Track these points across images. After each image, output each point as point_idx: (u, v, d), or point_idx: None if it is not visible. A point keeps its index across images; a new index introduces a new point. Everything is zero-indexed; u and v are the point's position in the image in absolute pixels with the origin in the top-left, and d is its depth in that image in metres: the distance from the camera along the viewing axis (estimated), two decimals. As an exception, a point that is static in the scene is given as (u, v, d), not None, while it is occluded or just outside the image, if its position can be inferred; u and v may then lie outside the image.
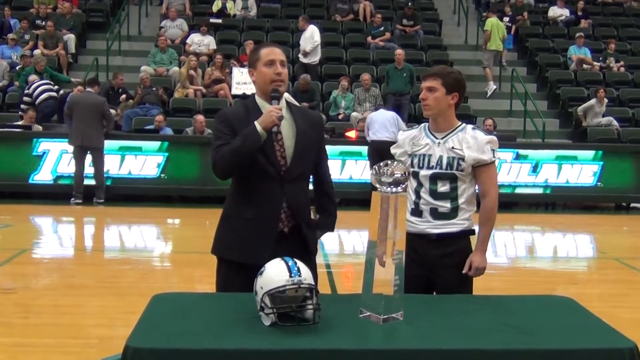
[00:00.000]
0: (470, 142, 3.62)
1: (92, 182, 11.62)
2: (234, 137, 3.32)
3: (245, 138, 3.28)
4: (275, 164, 3.37)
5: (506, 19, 17.91)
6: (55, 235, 9.92)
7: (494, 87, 16.38)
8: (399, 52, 14.59)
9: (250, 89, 13.18)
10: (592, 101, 14.83)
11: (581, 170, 12.69)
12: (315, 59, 15.49)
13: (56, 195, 11.84)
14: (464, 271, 3.62)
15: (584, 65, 16.70)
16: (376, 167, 2.85)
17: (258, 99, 3.46)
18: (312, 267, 3.34)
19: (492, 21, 16.44)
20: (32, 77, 13.75)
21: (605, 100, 14.90)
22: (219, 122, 3.46)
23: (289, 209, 3.40)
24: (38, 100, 13.26)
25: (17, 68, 14.63)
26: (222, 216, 3.53)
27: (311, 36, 15.25)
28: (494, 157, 3.63)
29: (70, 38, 16.16)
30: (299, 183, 3.44)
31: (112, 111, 13.51)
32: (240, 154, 3.29)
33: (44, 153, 12.00)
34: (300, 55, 15.27)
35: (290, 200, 3.40)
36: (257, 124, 3.27)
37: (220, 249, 3.50)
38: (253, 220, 3.37)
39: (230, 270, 3.44)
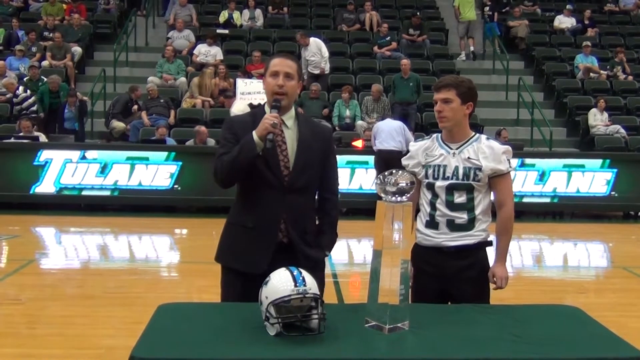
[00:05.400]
0: (487, 152, 3.56)
1: (93, 192, 11.62)
2: (237, 144, 3.35)
3: (242, 147, 3.31)
4: (278, 174, 3.38)
5: (486, 8, 18.61)
6: (62, 245, 9.93)
7: (464, 57, 17.62)
8: (405, 62, 14.59)
9: (255, 99, 13.22)
10: (593, 110, 14.92)
11: (593, 179, 12.59)
12: (327, 68, 15.52)
13: (60, 206, 11.83)
14: (491, 281, 3.57)
15: (591, 74, 16.68)
16: (381, 177, 2.85)
17: (267, 108, 3.47)
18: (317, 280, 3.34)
19: None
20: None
21: (605, 113, 14.95)
22: (225, 129, 3.49)
23: (288, 220, 3.39)
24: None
25: (25, 79, 14.69)
26: (225, 224, 3.55)
27: (318, 50, 15.24)
28: (509, 166, 3.59)
29: (77, 51, 16.24)
30: (302, 195, 3.43)
31: (122, 124, 13.61)
32: (237, 162, 3.32)
33: (46, 163, 11.91)
34: (310, 69, 15.25)
35: (291, 211, 3.39)
36: (254, 133, 3.29)
37: (222, 257, 3.53)
38: (253, 229, 3.39)
39: (230, 278, 3.47)
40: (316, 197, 3.59)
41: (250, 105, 13.18)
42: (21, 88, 13.85)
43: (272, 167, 3.36)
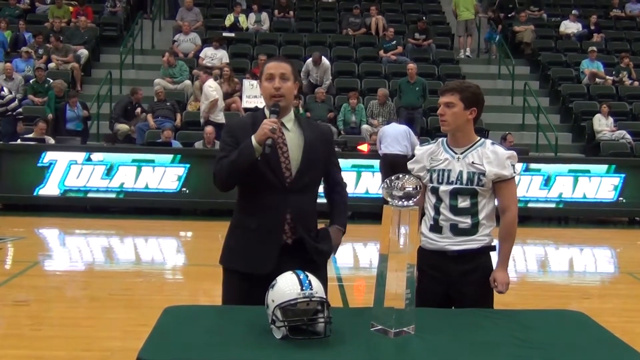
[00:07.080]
0: (491, 157, 3.58)
1: (99, 195, 11.65)
2: (236, 148, 3.37)
3: (241, 152, 3.32)
4: (280, 176, 3.39)
5: (490, 14, 18.75)
6: (67, 247, 9.95)
7: (463, 55, 17.89)
8: (411, 66, 14.61)
9: (261, 102, 13.30)
10: (598, 115, 14.92)
11: (599, 185, 12.55)
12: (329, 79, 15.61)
13: (65, 208, 11.86)
14: (492, 286, 3.58)
15: (597, 79, 16.67)
16: (387, 181, 2.86)
17: (266, 111, 3.49)
18: (321, 279, 3.34)
19: None
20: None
21: (610, 118, 14.95)
22: (224, 132, 3.53)
23: (293, 221, 3.40)
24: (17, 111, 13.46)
25: (32, 81, 14.74)
26: (229, 227, 3.56)
27: (326, 70, 15.32)
28: (514, 172, 3.59)
29: (83, 54, 16.29)
30: (304, 194, 3.44)
31: (126, 126, 13.64)
32: (236, 167, 3.34)
33: (51, 164, 11.92)
34: (312, 79, 15.33)
35: (295, 211, 3.40)
36: (253, 138, 3.30)
37: (226, 259, 3.53)
38: (256, 230, 3.40)
39: (234, 280, 3.47)
40: (321, 192, 3.62)
41: (256, 108, 13.26)
42: (6, 89, 13.79)
43: (273, 168, 3.38)
